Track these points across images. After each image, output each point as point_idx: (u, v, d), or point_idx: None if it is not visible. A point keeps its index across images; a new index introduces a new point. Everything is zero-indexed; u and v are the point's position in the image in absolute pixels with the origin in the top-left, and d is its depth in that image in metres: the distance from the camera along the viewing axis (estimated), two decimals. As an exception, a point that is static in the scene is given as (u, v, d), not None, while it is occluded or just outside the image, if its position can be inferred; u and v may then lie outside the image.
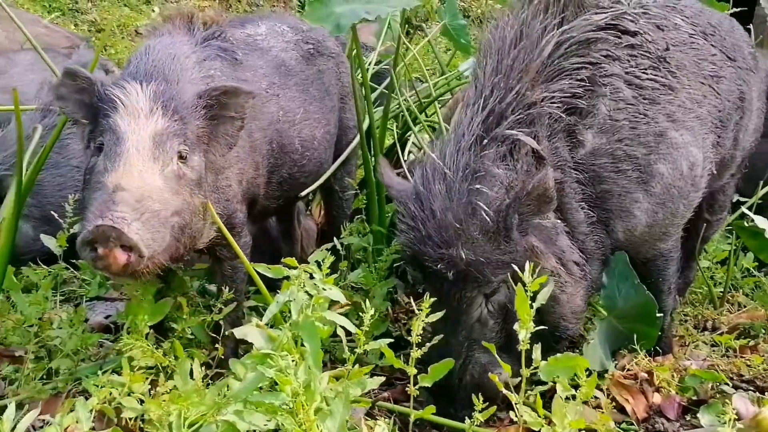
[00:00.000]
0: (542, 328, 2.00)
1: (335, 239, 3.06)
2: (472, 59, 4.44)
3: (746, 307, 3.33)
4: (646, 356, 2.55)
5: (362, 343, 2.01)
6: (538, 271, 2.03)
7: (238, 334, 1.98)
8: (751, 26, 3.54)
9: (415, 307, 2.08)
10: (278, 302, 1.92)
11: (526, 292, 1.93)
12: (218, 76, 2.50)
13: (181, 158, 2.18)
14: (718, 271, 3.55)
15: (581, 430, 1.96)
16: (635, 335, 2.56)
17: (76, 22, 7.49)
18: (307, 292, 1.95)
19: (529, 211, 2.20)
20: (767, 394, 2.52)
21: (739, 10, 3.79)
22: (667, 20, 2.61)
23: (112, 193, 2.00)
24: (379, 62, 4.22)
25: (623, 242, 2.51)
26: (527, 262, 2.01)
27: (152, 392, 2.14)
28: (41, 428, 2.12)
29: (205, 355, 2.49)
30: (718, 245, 3.68)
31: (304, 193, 3.09)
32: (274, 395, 1.82)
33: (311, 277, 2.00)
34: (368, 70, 3.92)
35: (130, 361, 2.18)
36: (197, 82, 2.38)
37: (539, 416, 1.99)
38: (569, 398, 1.97)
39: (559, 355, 2.01)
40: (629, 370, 2.53)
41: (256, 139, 2.62)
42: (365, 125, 3.32)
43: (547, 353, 2.02)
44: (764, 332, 3.06)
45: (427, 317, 2.01)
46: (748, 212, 3.12)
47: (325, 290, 1.91)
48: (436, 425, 2.27)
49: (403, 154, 3.84)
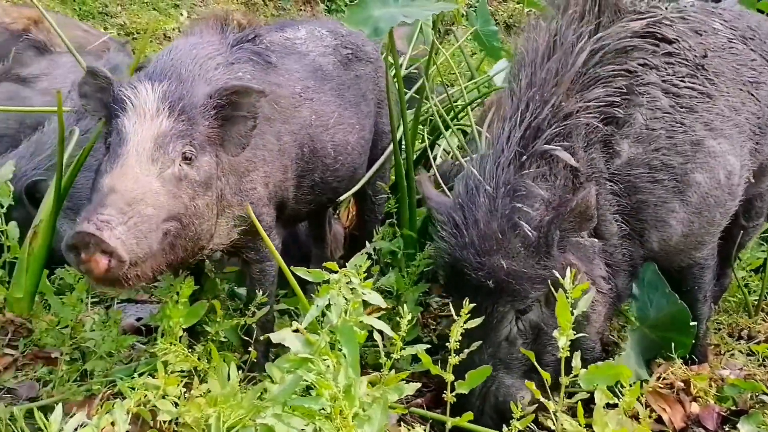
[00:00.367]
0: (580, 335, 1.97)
1: (367, 243, 3.04)
2: (500, 62, 4.44)
3: (783, 315, 3.27)
4: (681, 365, 2.52)
5: (398, 348, 1.99)
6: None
7: (275, 338, 1.96)
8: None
9: (453, 312, 2.06)
10: (318, 306, 1.91)
11: (567, 299, 1.91)
12: (247, 79, 2.48)
13: (186, 159, 2.16)
14: (752, 279, 3.50)
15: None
16: (669, 344, 2.52)
17: (105, 25, 7.55)
18: (344, 296, 1.94)
19: (570, 227, 2.20)
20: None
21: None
22: (705, 24, 2.59)
23: (105, 195, 2.00)
24: (408, 66, 4.21)
25: (658, 252, 2.49)
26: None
27: (186, 395, 2.13)
28: (76, 430, 2.12)
29: (237, 358, 2.48)
30: (752, 253, 3.63)
31: (340, 198, 3.07)
32: (313, 399, 1.81)
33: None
34: (400, 74, 3.90)
35: (165, 364, 2.18)
36: (217, 83, 2.34)
37: (580, 425, 1.97)
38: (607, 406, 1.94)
39: (600, 363, 1.99)
40: (665, 379, 2.49)
41: (285, 142, 2.61)
42: (398, 130, 3.31)
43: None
44: (801, 342, 3.01)
45: (465, 323, 1.99)
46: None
47: (364, 294, 1.90)
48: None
49: (432, 158, 3.83)
